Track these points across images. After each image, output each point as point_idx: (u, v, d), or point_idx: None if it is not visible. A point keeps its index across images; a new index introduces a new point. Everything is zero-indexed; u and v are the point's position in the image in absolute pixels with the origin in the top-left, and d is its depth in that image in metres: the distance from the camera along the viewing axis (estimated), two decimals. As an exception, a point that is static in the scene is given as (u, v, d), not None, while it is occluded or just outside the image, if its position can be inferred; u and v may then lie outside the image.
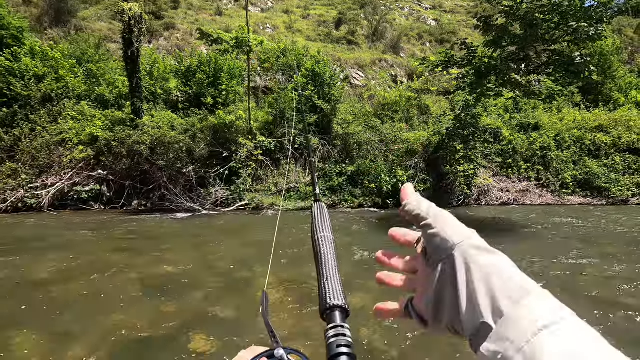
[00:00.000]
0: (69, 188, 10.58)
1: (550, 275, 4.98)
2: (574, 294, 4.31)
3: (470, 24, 26.14)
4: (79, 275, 4.77)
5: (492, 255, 0.33)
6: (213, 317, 3.64)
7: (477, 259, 0.33)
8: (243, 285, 4.59)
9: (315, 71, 13.89)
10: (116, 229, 7.99)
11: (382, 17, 25.52)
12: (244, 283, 4.66)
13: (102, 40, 15.87)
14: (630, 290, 4.36)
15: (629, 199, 13.95)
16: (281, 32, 22.60)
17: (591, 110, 17.68)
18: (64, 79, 12.35)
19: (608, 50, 19.45)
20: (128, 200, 10.93)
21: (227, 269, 5.19)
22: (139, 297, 4.10)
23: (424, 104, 16.60)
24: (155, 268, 5.11)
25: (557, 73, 8.79)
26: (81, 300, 3.96)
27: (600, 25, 7.74)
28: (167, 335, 3.25)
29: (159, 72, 13.77)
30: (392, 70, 21.22)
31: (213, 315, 3.68)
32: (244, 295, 4.19)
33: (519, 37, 8.48)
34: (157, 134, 11.01)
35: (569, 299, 4.02)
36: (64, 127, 11.48)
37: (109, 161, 10.99)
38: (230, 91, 13.97)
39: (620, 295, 4.24)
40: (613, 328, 3.38)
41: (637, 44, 27.07)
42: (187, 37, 19.30)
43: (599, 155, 15.21)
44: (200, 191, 11.18)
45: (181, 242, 6.92)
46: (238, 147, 11.77)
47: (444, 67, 9.95)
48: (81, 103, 12.17)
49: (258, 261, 5.47)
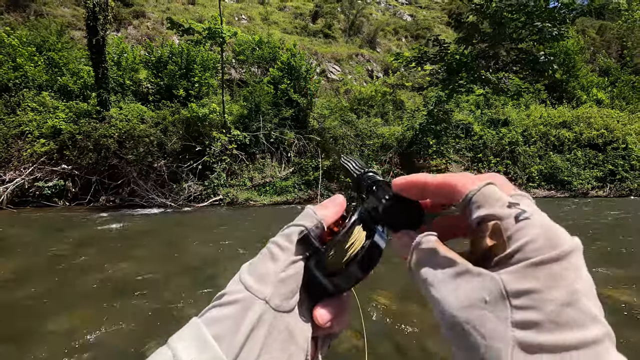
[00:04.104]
0: (30, 184, 10.02)
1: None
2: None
3: (444, 20, 26.65)
4: (36, 276, 4.54)
5: None
6: (179, 315, 3.58)
7: None
8: (210, 283, 4.53)
9: (291, 64, 13.76)
10: (81, 226, 7.66)
11: (358, 11, 25.56)
12: (210, 282, 4.59)
13: (64, 27, 15.01)
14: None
15: (588, 192, 14.79)
16: (257, 23, 22.20)
17: (556, 107, 18.53)
18: (23, 68, 11.61)
19: (572, 50, 20.40)
20: (95, 196, 10.49)
21: (197, 267, 5.10)
22: (101, 297, 3.96)
23: (399, 99, 16.84)
24: (121, 267, 4.94)
25: (523, 71, 9.14)
26: (37, 302, 3.78)
27: (564, 25, 8.09)
28: (132, 335, 3.16)
29: (127, 62, 13.21)
30: (369, 65, 21.35)
31: (179, 313, 3.61)
32: (212, 294, 4.13)
33: (489, 35, 8.73)
34: (125, 127, 10.59)
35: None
36: (23, 119, 10.81)
37: (73, 155, 10.48)
38: (204, 83, 13.62)
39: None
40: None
41: (598, 44, 28.52)
42: (158, 26, 18.59)
43: (562, 150, 16.00)
44: (172, 186, 10.88)
45: (151, 239, 6.72)
46: (212, 141, 11.52)
47: (417, 63, 10.10)
48: (42, 94, 11.49)
49: (228, 258, 5.41)
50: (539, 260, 0.22)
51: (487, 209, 0.26)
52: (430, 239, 0.28)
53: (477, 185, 0.27)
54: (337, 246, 0.33)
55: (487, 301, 0.22)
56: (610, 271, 4.71)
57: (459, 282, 0.24)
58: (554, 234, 0.23)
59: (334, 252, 0.33)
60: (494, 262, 0.24)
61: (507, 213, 0.25)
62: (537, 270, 0.22)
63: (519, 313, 0.21)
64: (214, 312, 0.30)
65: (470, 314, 0.23)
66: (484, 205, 0.26)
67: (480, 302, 0.23)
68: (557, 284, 0.22)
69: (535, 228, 0.23)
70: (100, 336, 3.14)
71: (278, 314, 0.30)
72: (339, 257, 0.33)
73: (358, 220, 0.34)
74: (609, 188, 15.05)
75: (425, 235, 0.28)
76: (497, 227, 0.25)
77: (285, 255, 0.32)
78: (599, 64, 26.03)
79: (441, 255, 0.26)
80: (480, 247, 0.26)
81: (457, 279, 0.25)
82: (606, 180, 15.26)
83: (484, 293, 0.23)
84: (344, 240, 0.33)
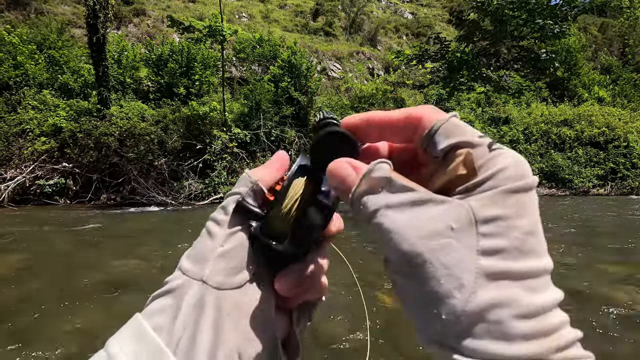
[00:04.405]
0: (31, 182, 10.03)
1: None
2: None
3: (445, 18, 26.56)
4: (37, 274, 4.56)
5: None
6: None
7: None
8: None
9: (292, 62, 13.73)
10: (82, 224, 7.67)
11: (359, 8, 25.48)
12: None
13: (65, 25, 14.98)
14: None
15: (589, 190, 14.77)
16: (257, 21, 22.15)
17: (557, 105, 18.48)
18: (23, 66, 11.61)
19: (574, 48, 20.33)
20: (96, 194, 10.50)
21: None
22: (103, 295, 3.97)
23: (399, 97, 16.81)
24: (122, 264, 4.95)
25: (525, 69, 9.11)
26: (39, 301, 3.79)
27: (565, 23, 8.05)
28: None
29: (127, 60, 13.19)
30: (369, 63, 21.31)
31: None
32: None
33: (490, 33, 8.70)
34: (126, 125, 10.58)
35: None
36: (24, 117, 10.81)
37: (74, 153, 10.48)
38: (204, 81, 13.60)
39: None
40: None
41: (600, 42, 28.41)
42: (158, 24, 18.57)
43: (563, 148, 15.98)
44: (173, 184, 10.89)
45: (151, 238, 6.73)
46: (212, 139, 11.51)
47: (418, 61, 10.08)
48: (43, 92, 11.48)
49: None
50: (510, 188, 0.22)
51: (459, 137, 0.24)
52: (384, 167, 0.25)
53: (445, 116, 0.25)
54: (277, 206, 0.30)
55: (453, 228, 0.21)
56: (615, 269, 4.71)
57: (420, 210, 0.22)
58: (524, 165, 0.23)
59: (277, 213, 0.29)
60: (460, 190, 0.23)
61: (480, 141, 0.24)
62: (507, 197, 0.21)
63: (486, 240, 0.21)
64: (154, 304, 0.28)
65: (433, 242, 0.21)
66: (454, 134, 0.24)
67: (446, 229, 0.21)
68: (524, 212, 0.21)
69: (508, 157, 0.23)
70: (101, 334, 3.14)
71: (222, 292, 0.28)
72: (282, 217, 0.29)
73: (300, 171, 0.30)
74: (610, 186, 15.03)
75: (378, 162, 0.25)
76: (467, 157, 0.23)
77: (222, 229, 0.30)
78: (601, 61, 25.94)
79: (397, 183, 0.24)
80: (443, 178, 0.24)
81: (418, 207, 0.22)
82: (607, 178, 15.24)
83: (450, 220, 0.21)
84: (282, 197, 0.30)
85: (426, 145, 0.25)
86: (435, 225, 0.21)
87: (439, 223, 0.21)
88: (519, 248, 0.20)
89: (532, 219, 0.22)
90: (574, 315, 3.48)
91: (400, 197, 0.23)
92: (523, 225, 0.21)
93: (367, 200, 0.24)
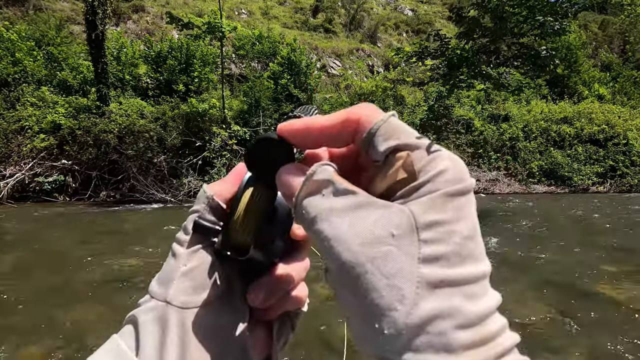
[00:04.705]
0: (30, 179, 10.03)
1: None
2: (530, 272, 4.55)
3: (445, 15, 26.45)
4: (37, 271, 4.56)
5: None
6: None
7: None
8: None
9: (292, 59, 13.69)
10: (81, 221, 7.68)
11: (359, 5, 25.38)
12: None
13: (64, 22, 14.92)
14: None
15: (589, 187, 14.78)
16: (257, 18, 22.06)
17: (557, 103, 18.45)
18: (22, 63, 11.56)
19: (574, 45, 20.27)
20: (95, 191, 10.50)
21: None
22: (103, 292, 3.98)
23: (399, 95, 16.78)
24: (122, 261, 4.96)
25: (525, 66, 9.08)
26: (38, 297, 3.80)
27: (565, 20, 8.02)
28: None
29: (126, 57, 13.15)
30: (369, 60, 21.25)
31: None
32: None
33: (490, 30, 8.66)
34: (125, 122, 10.57)
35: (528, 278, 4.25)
36: (22, 114, 10.79)
37: (73, 150, 10.47)
38: (204, 78, 13.57)
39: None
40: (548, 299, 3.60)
41: (600, 39, 28.33)
42: (157, 20, 18.48)
43: (563, 145, 15.97)
44: (172, 182, 10.88)
45: (151, 235, 6.74)
46: (212, 137, 11.50)
47: (418, 58, 10.04)
48: (42, 88, 11.46)
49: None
50: (450, 191, 0.21)
51: (398, 139, 0.23)
52: (327, 169, 0.23)
53: (383, 116, 0.24)
54: (230, 219, 0.29)
55: (394, 235, 0.20)
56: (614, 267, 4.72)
57: (361, 215, 0.21)
58: (462, 167, 0.22)
59: (233, 225, 0.29)
60: (401, 194, 0.22)
61: (418, 143, 0.23)
62: (447, 201, 0.20)
63: (427, 247, 0.19)
64: (128, 326, 0.28)
65: (373, 250, 0.20)
66: (393, 136, 0.23)
67: (387, 237, 0.20)
68: (463, 216, 0.21)
69: (446, 160, 0.22)
70: (101, 331, 3.15)
71: (186, 311, 0.27)
72: (238, 228, 0.29)
73: (250, 181, 0.30)
74: (609, 184, 15.04)
75: (322, 164, 0.24)
76: (407, 160, 0.22)
77: (184, 249, 0.29)
78: (601, 59, 25.87)
79: (338, 186, 0.23)
80: (383, 183, 0.23)
81: (358, 212, 0.21)
82: (606, 176, 15.24)
83: (391, 226, 0.20)
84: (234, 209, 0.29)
85: (366, 148, 0.24)
86: (376, 232, 0.20)
87: (380, 229, 0.20)
88: (459, 253, 0.20)
89: (470, 223, 0.21)
90: (569, 311, 3.49)
91: (342, 201, 0.22)
92: (462, 229, 0.20)
93: (308, 204, 0.23)
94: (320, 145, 0.27)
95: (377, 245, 0.20)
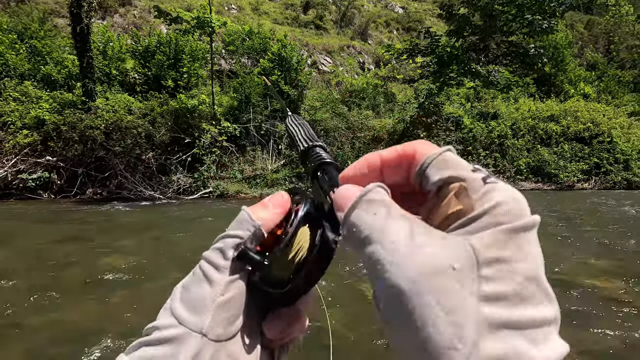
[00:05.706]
0: (13, 176, 9.76)
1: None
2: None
3: (436, 13, 26.60)
4: (20, 270, 4.45)
5: None
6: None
7: None
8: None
9: (282, 55, 13.60)
10: (66, 219, 7.51)
11: (350, 2, 25.33)
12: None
13: (47, 14, 14.52)
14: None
15: (574, 184, 15.09)
16: (247, 13, 21.84)
17: (544, 101, 18.77)
18: (3, 56, 11.22)
19: (561, 44, 20.61)
20: (82, 188, 10.28)
21: (186, 258, 5.05)
22: (88, 291, 3.90)
23: (390, 92, 16.83)
24: (108, 260, 4.87)
25: (513, 64, 9.21)
26: (22, 297, 3.70)
27: (553, 19, 8.15)
28: (121, 328, 3.12)
29: (113, 51, 12.86)
30: (360, 57, 21.25)
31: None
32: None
33: (480, 28, 8.75)
34: (112, 118, 10.35)
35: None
36: (4, 109, 10.47)
37: (58, 147, 10.22)
38: (193, 74, 13.37)
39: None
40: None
41: (586, 39, 28.88)
42: (145, 14, 18.13)
43: (549, 143, 16.25)
44: (161, 179, 10.73)
45: (139, 232, 6.63)
46: (201, 133, 11.36)
47: (408, 55, 10.10)
48: (25, 83, 11.12)
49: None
50: (511, 227, 0.19)
51: (451, 171, 0.22)
52: (381, 191, 0.23)
53: (437, 150, 0.24)
54: (280, 256, 0.28)
55: (455, 268, 0.19)
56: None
57: (417, 244, 0.20)
58: (522, 200, 0.21)
59: (279, 263, 0.28)
60: (456, 226, 0.21)
61: (473, 176, 0.22)
62: (509, 237, 0.19)
63: (488, 285, 0.18)
64: (142, 352, 0.26)
65: (433, 282, 0.18)
66: (448, 167, 0.23)
67: (447, 269, 0.19)
68: (524, 255, 0.19)
69: (504, 192, 0.21)
70: (86, 330, 3.09)
71: (219, 344, 0.26)
72: (285, 267, 0.28)
73: (302, 220, 0.29)
74: (594, 181, 15.38)
75: (377, 185, 0.23)
76: (460, 191, 0.21)
77: (222, 275, 0.27)
78: (587, 58, 26.39)
79: (393, 210, 0.22)
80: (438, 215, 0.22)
81: (417, 240, 0.20)
82: (591, 173, 15.58)
83: (450, 259, 0.19)
84: (288, 248, 0.28)
85: (419, 180, 0.24)
86: (435, 263, 0.19)
87: (440, 261, 0.19)
88: (519, 294, 0.18)
89: (533, 263, 0.19)
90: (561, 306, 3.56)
91: (396, 225, 0.21)
92: (525, 269, 0.19)
93: (358, 221, 0.22)
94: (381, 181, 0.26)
95: (437, 277, 0.18)
